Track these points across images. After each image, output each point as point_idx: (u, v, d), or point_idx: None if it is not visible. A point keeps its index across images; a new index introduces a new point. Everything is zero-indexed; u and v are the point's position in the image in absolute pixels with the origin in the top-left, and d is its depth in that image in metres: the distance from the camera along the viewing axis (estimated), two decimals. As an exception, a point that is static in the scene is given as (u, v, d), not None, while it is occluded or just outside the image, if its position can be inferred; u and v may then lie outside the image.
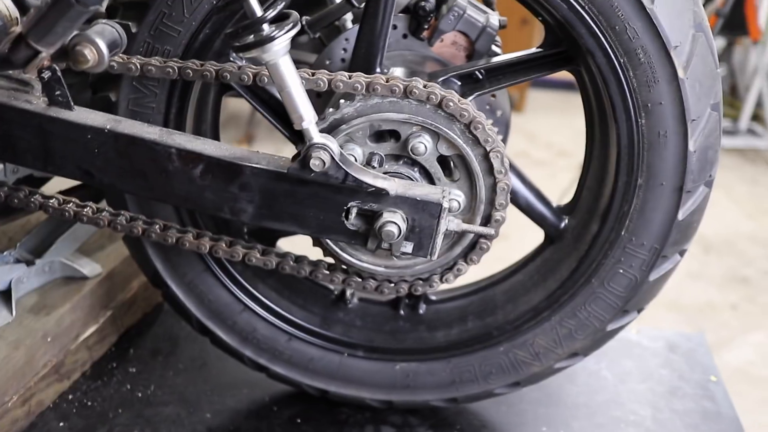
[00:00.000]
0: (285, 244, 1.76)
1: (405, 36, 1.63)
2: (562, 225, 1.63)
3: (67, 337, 1.78)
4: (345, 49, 1.66)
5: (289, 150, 1.42)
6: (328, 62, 1.66)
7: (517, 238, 1.66)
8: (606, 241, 1.52)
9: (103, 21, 1.20)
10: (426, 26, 1.61)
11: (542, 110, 6.11)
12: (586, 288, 1.55)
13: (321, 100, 1.67)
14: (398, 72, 1.58)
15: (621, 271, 1.52)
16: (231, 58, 1.48)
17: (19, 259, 1.81)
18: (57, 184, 1.78)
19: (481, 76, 1.52)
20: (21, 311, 1.74)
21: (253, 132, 3.66)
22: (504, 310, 1.66)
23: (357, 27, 1.58)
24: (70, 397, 1.78)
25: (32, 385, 1.68)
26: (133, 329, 2.00)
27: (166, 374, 1.87)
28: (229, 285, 1.64)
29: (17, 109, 1.34)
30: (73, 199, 1.49)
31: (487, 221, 1.45)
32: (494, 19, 1.63)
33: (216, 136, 1.64)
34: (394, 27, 1.61)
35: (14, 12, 1.47)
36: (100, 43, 1.14)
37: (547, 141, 6.05)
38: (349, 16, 1.80)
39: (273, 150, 1.35)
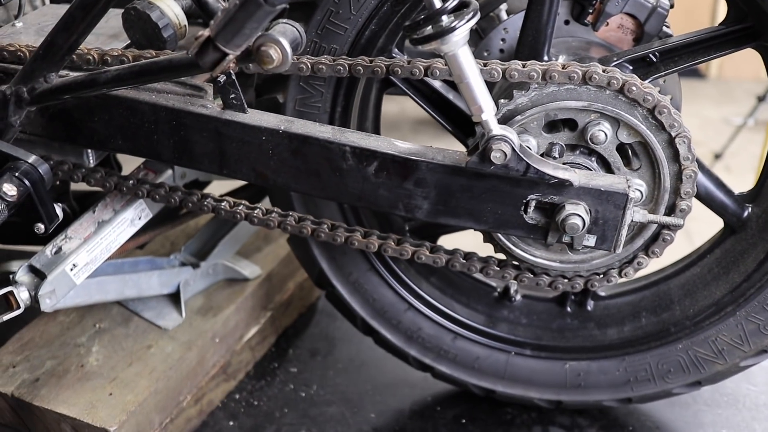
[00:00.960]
0: (445, 241, 1.73)
1: (567, 22, 1.57)
2: (745, 214, 1.53)
3: (233, 338, 1.81)
4: (503, 40, 1.61)
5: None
6: (486, 53, 1.62)
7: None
8: (799, 230, 1.41)
9: (283, 21, 1.20)
10: (591, 10, 1.54)
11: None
12: (776, 280, 1.45)
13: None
14: (563, 60, 1.52)
15: (817, 261, 1.41)
16: (393, 54, 1.46)
17: (184, 262, 1.86)
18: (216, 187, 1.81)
19: (655, 59, 1.45)
20: (189, 313, 1.78)
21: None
22: (681, 305, 1.57)
23: (514, 17, 1.54)
24: (237, 396, 1.81)
25: (203, 384, 1.71)
26: (290, 329, 2.02)
27: (327, 374, 1.88)
28: (393, 284, 1.63)
29: (194, 114, 1.36)
30: (244, 202, 1.51)
31: (670, 211, 1.37)
32: (664, -2, 1.54)
33: (378, 134, 1.63)
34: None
35: (183, 20, 1.51)
36: (284, 42, 1.13)
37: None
38: (503, 6, 1.76)
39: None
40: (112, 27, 1.57)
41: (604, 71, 1.28)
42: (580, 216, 1.26)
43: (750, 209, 1.52)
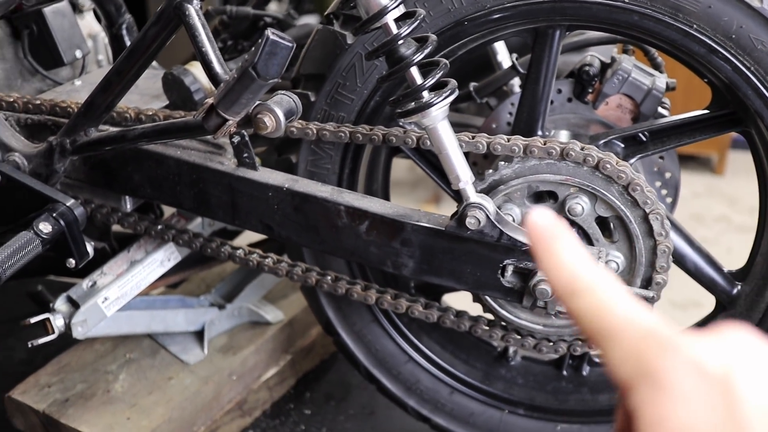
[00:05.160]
0: (451, 299, 1.83)
1: (570, 99, 1.67)
2: (735, 291, 1.56)
3: (251, 377, 1.94)
4: (511, 113, 1.72)
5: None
6: (494, 126, 1.73)
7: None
8: (781, 310, 1.45)
9: (282, 92, 1.34)
10: (590, 90, 1.64)
11: (744, 172, 5.76)
12: (758, 358, 1.48)
13: (488, 161, 1.75)
14: (562, 135, 1.61)
15: (798, 341, 1.44)
16: (399, 123, 1.59)
17: (213, 303, 2.01)
18: (248, 237, 1.96)
19: (645, 138, 1.52)
20: (212, 350, 1.92)
21: (440, 193, 3.84)
22: (670, 376, 1.61)
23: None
24: (251, 432, 1.93)
25: (218, 418, 1.84)
26: (310, 374, 2.13)
27: (338, 419, 1.98)
28: (395, 336, 1.73)
29: (211, 169, 1.52)
30: (257, 251, 1.65)
31: (647, 284, 1.43)
32: (660, 81, 1.62)
33: (386, 195, 1.75)
34: (559, 91, 1.66)
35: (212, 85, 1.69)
36: (278, 111, 1.28)
37: (750, 205, 5.68)
38: (516, 81, 1.87)
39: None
40: (156, 88, 1.76)
41: (581, 149, 1.37)
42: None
43: (740, 287, 1.56)
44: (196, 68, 1.66)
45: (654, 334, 0.49)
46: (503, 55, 1.89)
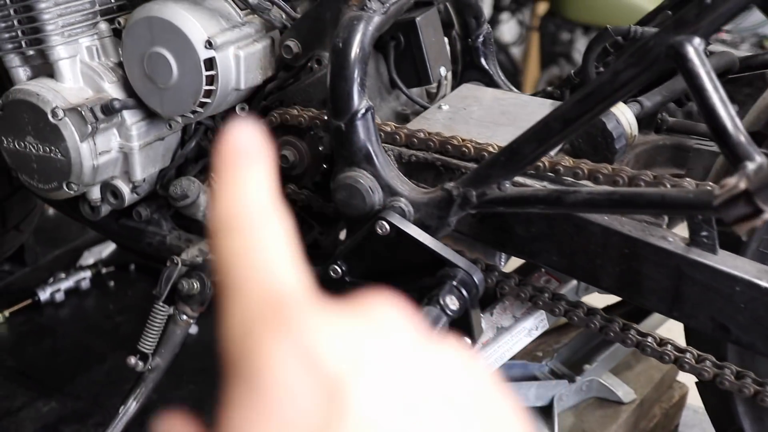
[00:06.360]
0: None
1: None
2: None
3: (600, 469, 1.63)
4: None
5: None
6: None
7: None
8: None
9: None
10: None
11: None
12: None
13: None
14: None
15: None
16: None
17: (553, 369, 1.72)
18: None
19: None
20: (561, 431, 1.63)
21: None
22: None
23: None
24: None
25: None
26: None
27: None
28: (825, 464, 1.37)
29: (654, 246, 1.20)
30: (671, 340, 1.33)
31: None
32: None
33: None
34: None
35: (635, 129, 1.37)
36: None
37: None
38: None
39: None
40: (498, 114, 1.46)
41: None
42: None
43: None
44: (617, 109, 1.34)
45: (281, 303, 0.34)
46: None
